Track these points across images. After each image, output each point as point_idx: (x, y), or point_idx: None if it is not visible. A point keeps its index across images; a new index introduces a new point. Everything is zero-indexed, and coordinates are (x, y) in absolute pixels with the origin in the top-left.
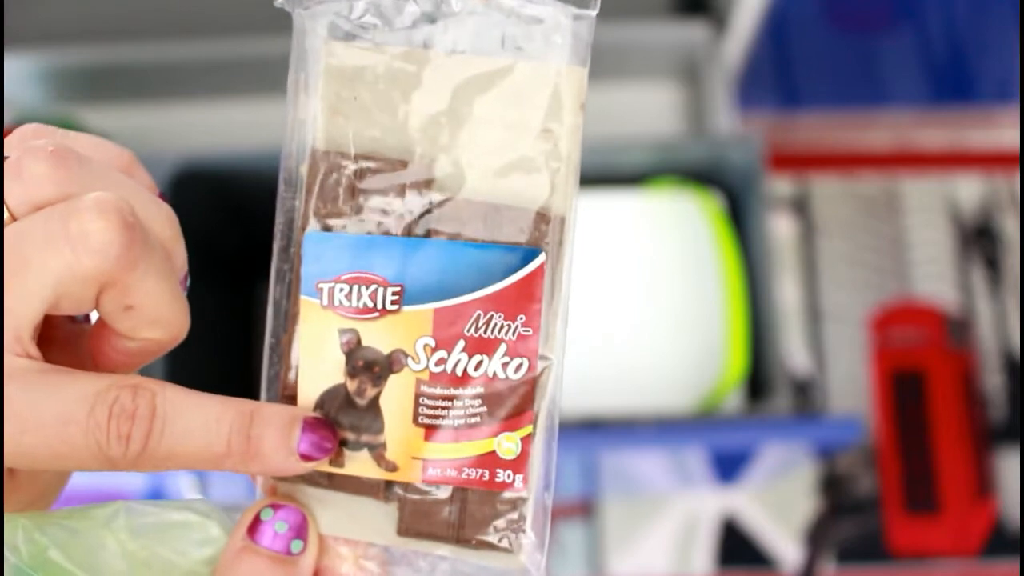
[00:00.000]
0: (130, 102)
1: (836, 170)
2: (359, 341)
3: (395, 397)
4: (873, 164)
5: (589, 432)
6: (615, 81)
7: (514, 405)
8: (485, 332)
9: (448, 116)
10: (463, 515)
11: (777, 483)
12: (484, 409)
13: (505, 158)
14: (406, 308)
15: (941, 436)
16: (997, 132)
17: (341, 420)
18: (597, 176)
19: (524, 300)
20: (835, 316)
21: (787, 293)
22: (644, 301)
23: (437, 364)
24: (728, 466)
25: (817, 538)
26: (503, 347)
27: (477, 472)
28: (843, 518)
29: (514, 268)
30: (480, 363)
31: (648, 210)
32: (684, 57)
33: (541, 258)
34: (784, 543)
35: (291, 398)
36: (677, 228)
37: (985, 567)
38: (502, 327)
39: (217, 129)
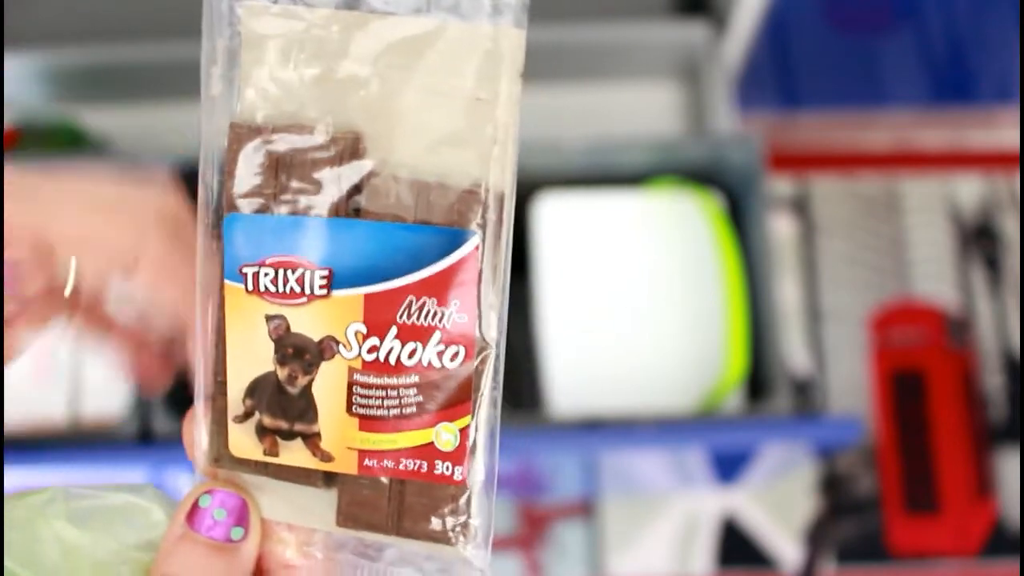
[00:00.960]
0: (130, 102)
1: (836, 170)
2: (288, 328)
3: (328, 386)
4: (873, 164)
5: (589, 432)
6: (615, 81)
7: (451, 395)
8: (418, 319)
9: (376, 85)
10: (402, 507)
11: (777, 483)
12: (420, 399)
13: (436, 130)
14: (335, 293)
15: (941, 436)
16: (997, 132)
17: (274, 411)
18: (597, 176)
19: (458, 285)
20: (835, 316)
21: (787, 293)
22: (644, 301)
23: (369, 352)
24: (728, 466)
25: (817, 538)
26: (438, 334)
27: (415, 464)
28: (843, 518)
29: (446, 251)
30: (414, 351)
31: (648, 210)
32: (684, 57)
33: (475, 240)
34: (784, 543)
35: (224, 384)
36: (677, 228)
37: (985, 567)
38: (436, 313)
39: None
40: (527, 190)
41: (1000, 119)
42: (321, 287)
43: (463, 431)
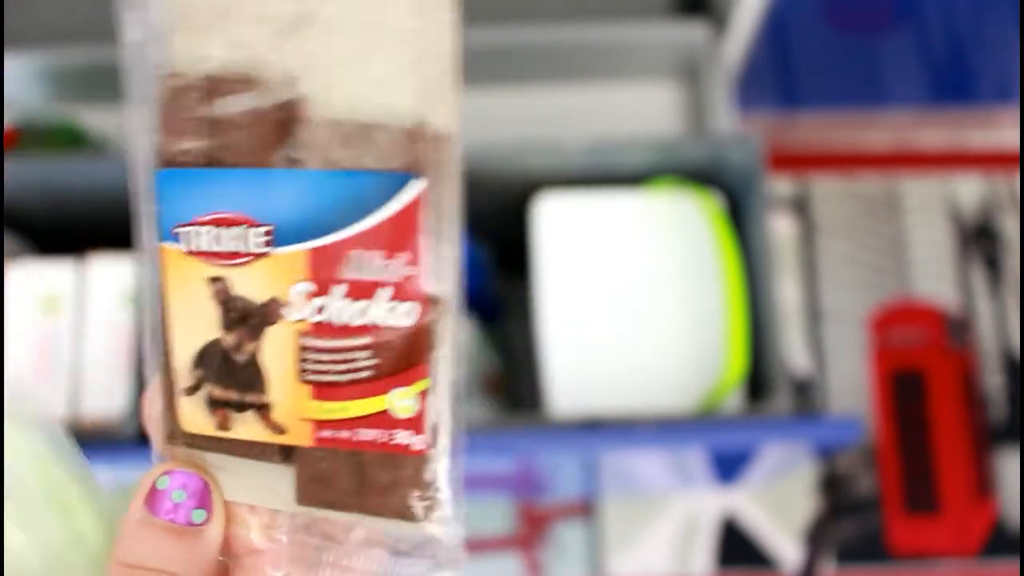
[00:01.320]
0: None
1: (836, 170)
2: (229, 290)
3: (276, 352)
4: (873, 164)
5: (589, 432)
6: (615, 81)
7: (406, 356)
8: (366, 274)
9: (303, 22)
10: (363, 481)
11: (777, 483)
12: (374, 362)
13: (373, 68)
14: (278, 250)
15: (941, 436)
16: (997, 132)
17: (223, 381)
18: (597, 176)
19: (404, 235)
20: (835, 316)
21: (787, 293)
22: (644, 301)
23: (317, 313)
24: (728, 466)
25: (817, 538)
26: (387, 290)
27: (372, 433)
28: (843, 518)
29: (389, 197)
30: (364, 310)
31: (648, 210)
32: (684, 57)
33: (419, 184)
34: (784, 543)
35: (170, 354)
36: (677, 228)
37: (985, 567)
38: (384, 267)
39: None
40: (527, 190)
41: (1000, 119)
42: (264, 244)
43: (422, 395)
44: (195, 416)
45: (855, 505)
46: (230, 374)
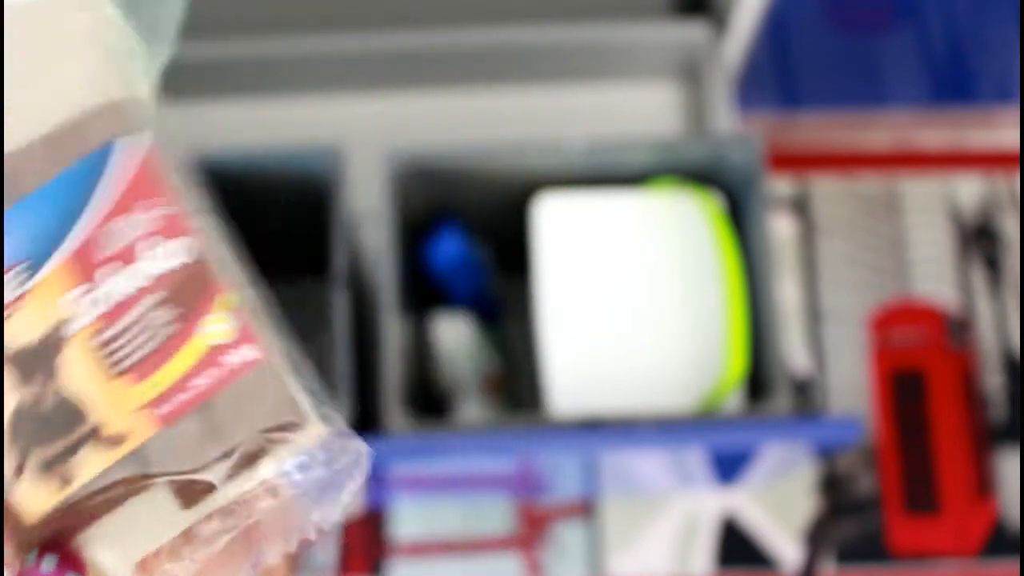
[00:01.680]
0: None
1: (836, 170)
2: (8, 348)
3: (78, 370)
4: (873, 164)
5: (589, 432)
6: (615, 81)
7: (199, 287)
8: (121, 241)
9: None
10: (222, 430)
11: (777, 483)
12: (172, 312)
13: (40, 78)
14: (37, 276)
15: (941, 436)
16: (997, 132)
17: (44, 438)
18: (597, 176)
19: (137, 187)
20: (835, 316)
21: (787, 293)
22: (644, 301)
23: (95, 306)
24: (728, 466)
25: (817, 538)
26: (150, 241)
27: (207, 376)
28: (843, 518)
29: (103, 171)
30: (136, 272)
31: (648, 210)
32: (684, 57)
33: (124, 144)
34: (784, 543)
35: None
36: (677, 228)
37: (985, 567)
38: (136, 224)
39: (213, 128)
40: (527, 190)
41: (1000, 119)
42: (25, 280)
43: (232, 312)
44: (37, 494)
45: (855, 505)
46: (48, 424)
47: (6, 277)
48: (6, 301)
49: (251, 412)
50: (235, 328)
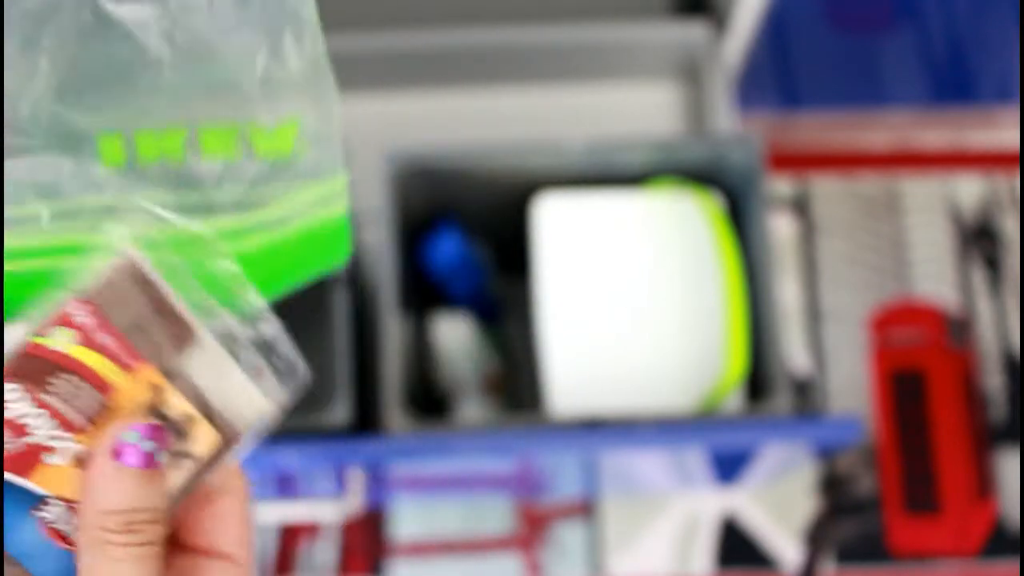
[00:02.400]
0: None
1: (836, 170)
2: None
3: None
4: (873, 164)
5: (589, 432)
6: (615, 81)
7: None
8: None
9: None
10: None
11: (777, 483)
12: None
13: None
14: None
15: (941, 436)
16: (997, 132)
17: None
18: (597, 176)
19: None
20: (835, 316)
21: (787, 293)
22: (644, 301)
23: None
24: (728, 466)
25: (817, 538)
26: None
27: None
28: (843, 518)
29: None
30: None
31: (648, 210)
32: (684, 57)
33: None
34: (784, 543)
35: None
36: (677, 228)
37: (985, 567)
38: None
39: None
40: (527, 190)
41: (1000, 119)
42: None
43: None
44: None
45: (855, 505)
46: None
47: None
48: None
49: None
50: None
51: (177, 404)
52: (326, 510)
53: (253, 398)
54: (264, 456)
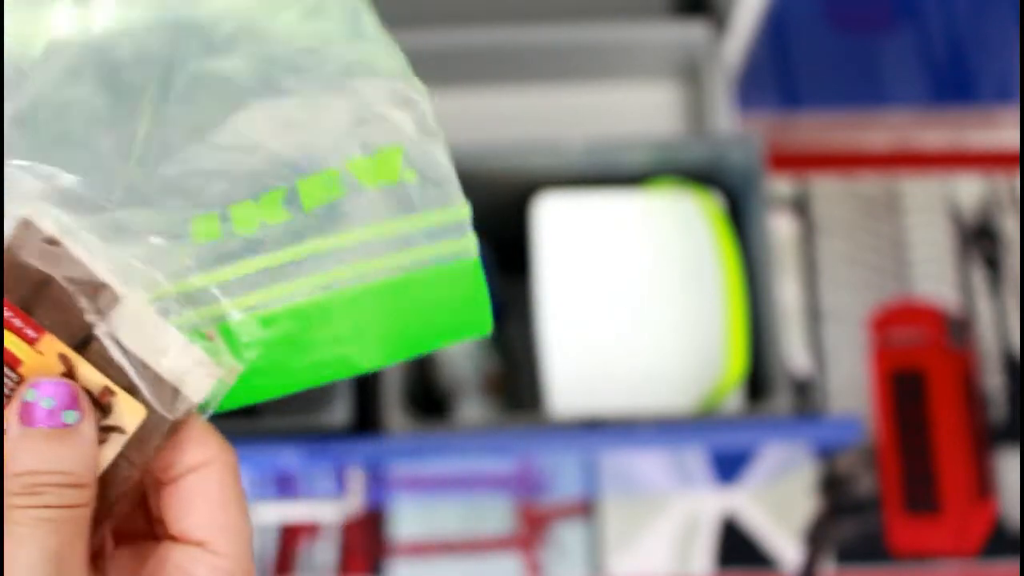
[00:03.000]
0: None
1: (836, 170)
2: None
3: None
4: (873, 164)
5: (589, 432)
6: (615, 81)
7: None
8: None
9: None
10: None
11: (777, 483)
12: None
13: None
14: None
15: (941, 436)
16: (997, 132)
17: None
18: (597, 176)
19: None
20: (835, 316)
21: (787, 293)
22: (644, 301)
23: None
24: (728, 467)
25: (817, 538)
26: None
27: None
28: (843, 518)
29: None
30: None
31: (648, 210)
32: (684, 57)
33: None
34: (784, 543)
35: None
36: (677, 228)
37: (985, 567)
38: None
39: None
40: (527, 190)
41: (1000, 119)
42: None
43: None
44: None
45: (855, 505)
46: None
47: None
48: None
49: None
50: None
51: (88, 375)
52: (326, 510)
53: (196, 364)
54: (264, 456)
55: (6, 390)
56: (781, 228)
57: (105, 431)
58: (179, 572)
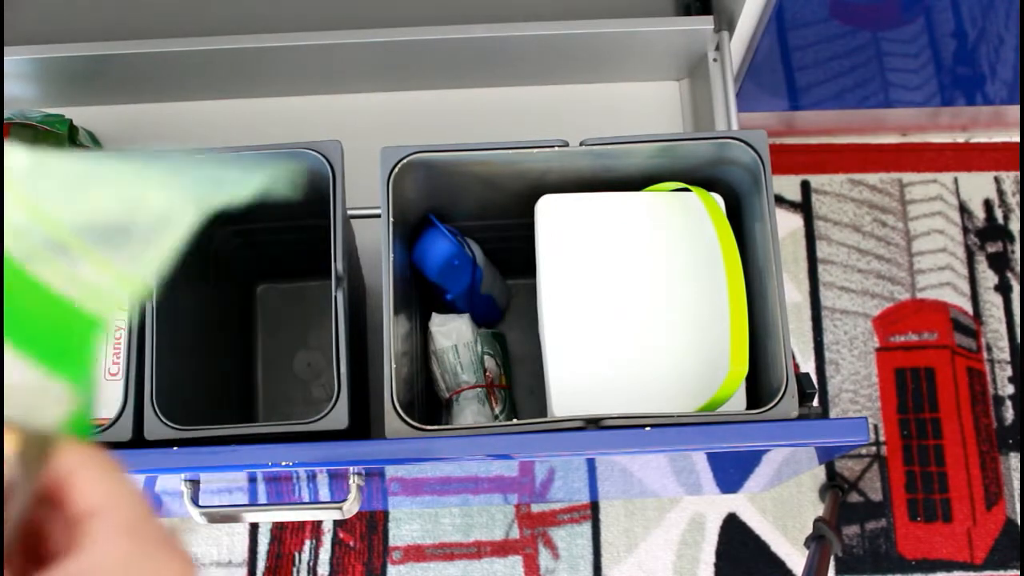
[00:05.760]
0: (123, 100)
1: (837, 170)
2: None
3: None
4: (874, 164)
5: (589, 432)
6: (618, 80)
7: None
8: None
9: None
10: None
11: (781, 487)
12: None
13: None
14: None
15: (948, 438)
16: (1000, 132)
17: None
18: (600, 175)
19: None
20: (836, 316)
21: (788, 293)
22: (645, 302)
23: None
24: (731, 479)
25: (818, 539)
26: None
27: None
28: (846, 520)
29: None
30: None
31: (650, 210)
32: (687, 56)
33: None
34: (784, 544)
35: None
36: (679, 228)
37: (992, 571)
38: None
39: (211, 126)
40: (528, 190)
41: (1004, 119)
42: None
43: None
44: None
45: (858, 507)
46: None
47: None
48: None
49: None
50: None
51: None
52: (326, 512)
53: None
54: (263, 457)
55: None
56: (782, 228)
57: None
58: None
